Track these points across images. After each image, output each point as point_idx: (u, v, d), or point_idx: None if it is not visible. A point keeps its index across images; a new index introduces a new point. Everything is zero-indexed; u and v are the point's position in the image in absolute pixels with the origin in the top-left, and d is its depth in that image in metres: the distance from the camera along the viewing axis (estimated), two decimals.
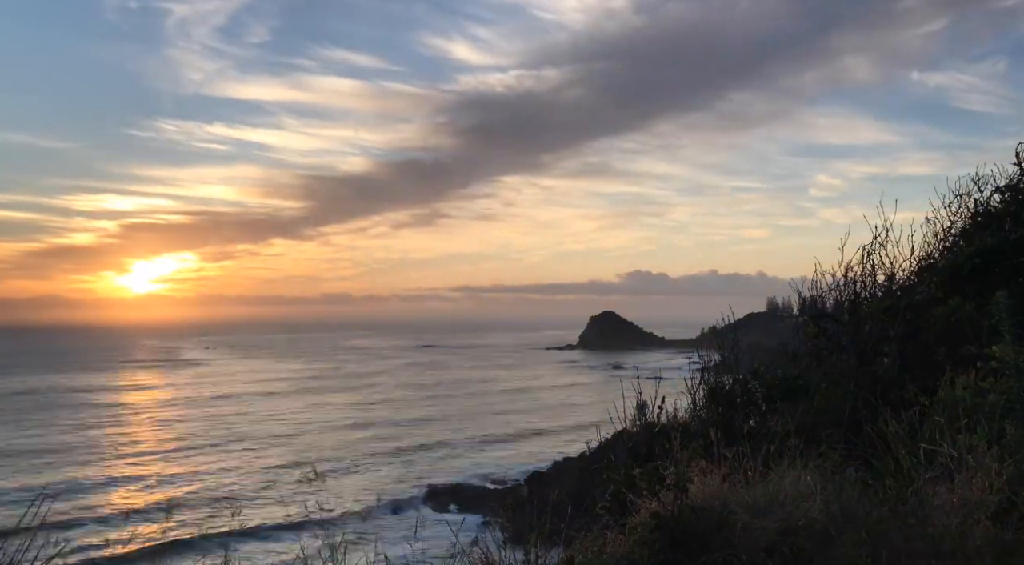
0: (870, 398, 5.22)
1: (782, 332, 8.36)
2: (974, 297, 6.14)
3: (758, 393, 6.18)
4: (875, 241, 7.12)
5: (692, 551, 3.70)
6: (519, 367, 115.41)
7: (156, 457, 45.80)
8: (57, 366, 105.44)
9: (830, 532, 3.52)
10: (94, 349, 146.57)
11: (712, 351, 7.20)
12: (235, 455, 46.90)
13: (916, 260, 7.68)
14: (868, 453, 4.24)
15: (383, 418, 62.29)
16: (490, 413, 66.05)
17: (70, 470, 41.53)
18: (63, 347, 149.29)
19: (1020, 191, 8.26)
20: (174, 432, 54.30)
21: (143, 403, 70.64)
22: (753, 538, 3.64)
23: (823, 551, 3.48)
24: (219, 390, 79.71)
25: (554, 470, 38.33)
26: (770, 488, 3.94)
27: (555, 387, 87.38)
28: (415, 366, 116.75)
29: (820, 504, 3.68)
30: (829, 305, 7.00)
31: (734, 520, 3.74)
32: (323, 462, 45.10)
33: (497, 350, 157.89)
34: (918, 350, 6.03)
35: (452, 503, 37.29)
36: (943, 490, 3.59)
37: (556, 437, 54.62)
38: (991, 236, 7.36)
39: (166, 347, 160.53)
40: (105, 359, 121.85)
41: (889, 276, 7.21)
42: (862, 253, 7.01)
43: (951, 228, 8.31)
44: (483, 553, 4.20)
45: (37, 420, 58.13)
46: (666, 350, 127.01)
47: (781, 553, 3.55)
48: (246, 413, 64.39)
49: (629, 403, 6.35)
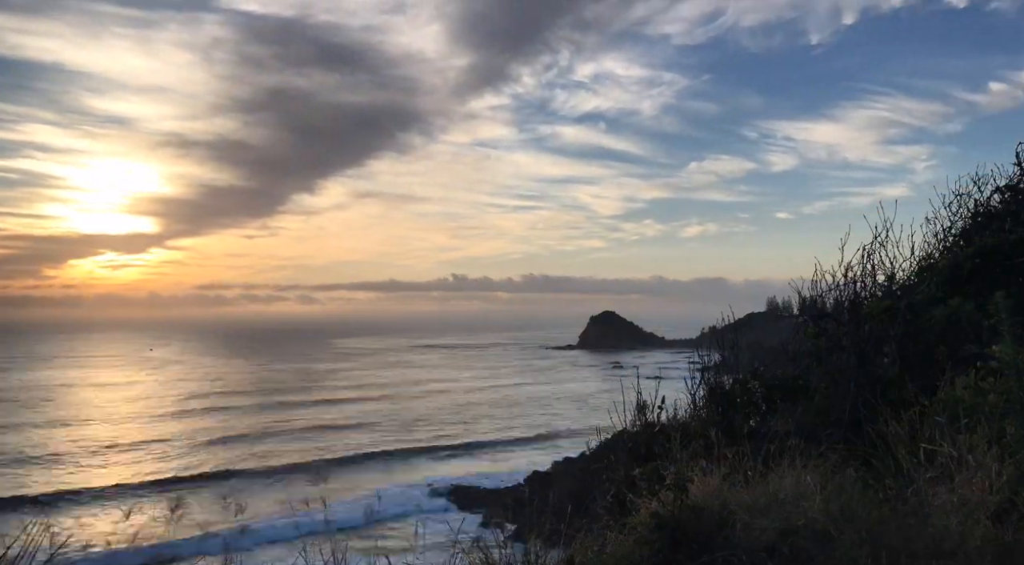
0: (870, 398, 5.22)
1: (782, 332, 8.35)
2: (974, 297, 6.14)
3: (758, 393, 6.18)
4: (875, 241, 7.11)
5: (692, 551, 3.70)
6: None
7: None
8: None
9: (830, 532, 3.52)
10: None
11: (712, 351, 7.20)
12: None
13: (916, 260, 7.68)
14: (868, 453, 4.23)
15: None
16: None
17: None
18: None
19: (1020, 191, 8.27)
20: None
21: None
22: (753, 538, 3.64)
23: (823, 551, 3.48)
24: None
25: (554, 470, 38.33)
26: (770, 488, 3.94)
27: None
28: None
29: (820, 504, 3.68)
30: (829, 305, 6.99)
31: (734, 520, 3.74)
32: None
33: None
34: (918, 350, 6.03)
35: (452, 503, 37.32)
36: (943, 490, 3.58)
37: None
38: (991, 236, 7.36)
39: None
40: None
41: (889, 276, 7.21)
42: (862, 253, 7.01)
43: (951, 228, 8.31)
44: (483, 553, 4.20)
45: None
46: (666, 350, 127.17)
47: (781, 553, 3.55)
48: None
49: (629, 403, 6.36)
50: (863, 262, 6.98)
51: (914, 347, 6.07)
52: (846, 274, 6.86)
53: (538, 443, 53.74)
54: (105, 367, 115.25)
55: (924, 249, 7.94)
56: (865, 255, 7.02)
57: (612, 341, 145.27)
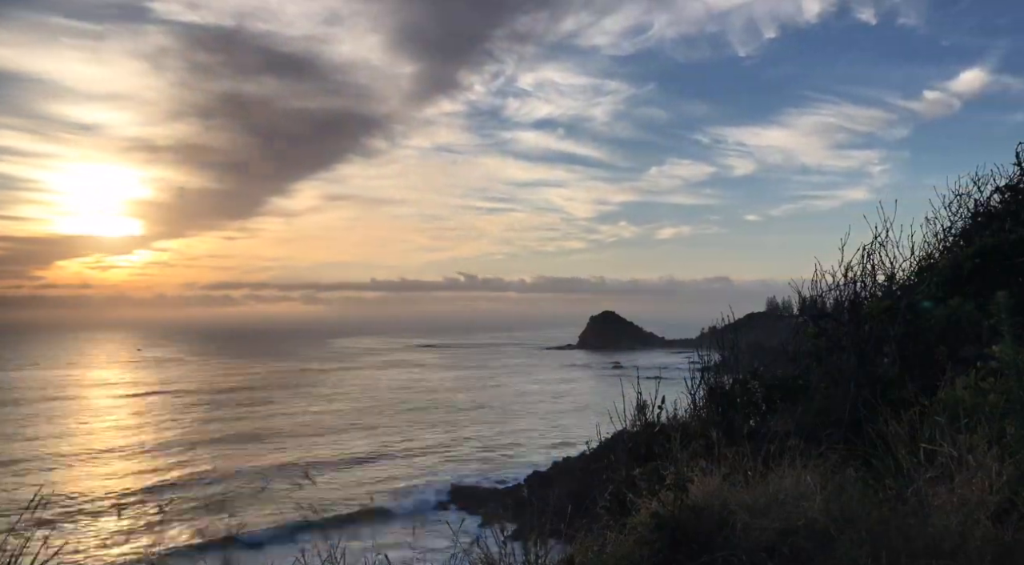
0: (870, 398, 5.21)
1: (782, 332, 8.34)
2: (974, 297, 6.13)
3: (758, 393, 6.17)
4: (875, 241, 7.11)
5: (692, 551, 3.70)
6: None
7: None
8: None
9: (830, 532, 3.52)
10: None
11: (712, 351, 7.19)
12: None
13: (916, 260, 7.68)
14: (868, 453, 4.23)
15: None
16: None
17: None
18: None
19: (1020, 191, 8.27)
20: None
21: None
22: (753, 538, 3.63)
23: (823, 551, 3.47)
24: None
25: (554, 470, 38.34)
26: (770, 488, 3.94)
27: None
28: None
29: (820, 504, 3.67)
30: (829, 305, 6.99)
31: (734, 520, 3.74)
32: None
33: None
34: (918, 350, 6.03)
35: (452, 503, 37.33)
36: (943, 490, 3.58)
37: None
38: (991, 236, 7.36)
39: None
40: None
41: (889, 276, 7.20)
42: (862, 253, 7.01)
43: (951, 228, 8.31)
44: (483, 553, 4.20)
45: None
46: (666, 350, 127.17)
47: (781, 553, 3.55)
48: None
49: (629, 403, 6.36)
50: (863, 262, 6.97)
51: (914, 347, 6.07)
52: (846, 274, 6.86)
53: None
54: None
55: (924, 249, 7.95)
56: (865, 255, 7.02)
57: (612, 341, 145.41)
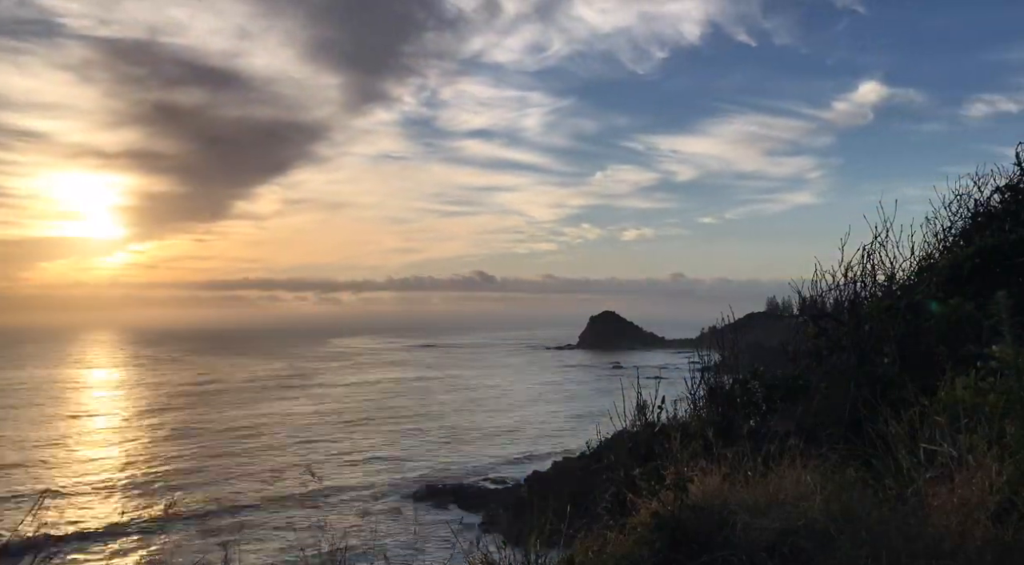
0: (870, 398, 5.21)
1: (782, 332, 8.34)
2: (974, 297, 6.13)
3: (758, 393, 6.18)
4: (875, 241, 7.11)
5: (692, 551, 3.69)
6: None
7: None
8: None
9: (830, 532, 3.52)
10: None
11: (712, 351, 7.19)
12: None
13: (916, 260, 7.68)
14: (868, 453, 4.23)
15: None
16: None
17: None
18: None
19: (1020, 191, 8.27)
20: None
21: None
22: (753, 538, 3.63)
23: (823, 551, 3.47)
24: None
25: (554, 470, 38.31)
26: (770, 488, 3.94)
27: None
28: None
29: (820, 504, 3.67)
30: (829, 305, 6.99)
31: (734, 520, 3.74)
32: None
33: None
34: (918, 350, 6.03)
35: (452, 503, 37.30)
36: (943, 490, 3.58)
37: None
38: (991, 236, 7.36)
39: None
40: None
41: (889, 276, 7.20)
42: (862, 253, 7.01)
43: (951, 228, 8.32)
44: (483, 553, 4.20)
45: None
46: (666, 350, 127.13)
47: (781, 553, 3.55)
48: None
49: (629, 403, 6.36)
50: (863, 262, 6.98)
51: (914, 347, 6.07)
52: (846, 274, 6.86)
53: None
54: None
55: (924, 249, 7.95)
56: (865, 255, 7.02)
57: (611, 341, 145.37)
